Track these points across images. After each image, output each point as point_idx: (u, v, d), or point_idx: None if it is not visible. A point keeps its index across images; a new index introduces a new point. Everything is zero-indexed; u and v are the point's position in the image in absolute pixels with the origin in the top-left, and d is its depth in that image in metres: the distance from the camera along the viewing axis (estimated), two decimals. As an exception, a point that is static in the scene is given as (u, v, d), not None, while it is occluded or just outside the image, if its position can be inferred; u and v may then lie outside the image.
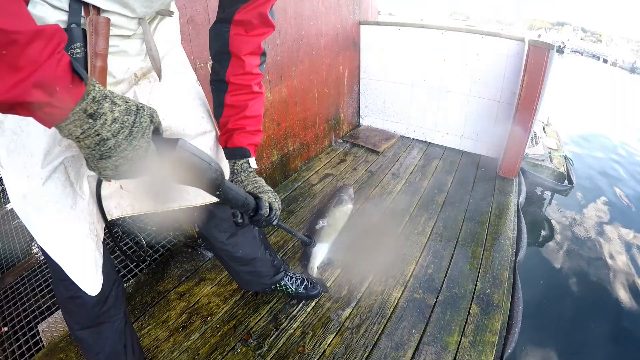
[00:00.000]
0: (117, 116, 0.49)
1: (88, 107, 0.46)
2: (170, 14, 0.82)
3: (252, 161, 1.03)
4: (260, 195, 0.95)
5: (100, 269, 0.89)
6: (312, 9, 2.47)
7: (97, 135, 0.48)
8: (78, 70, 0.45)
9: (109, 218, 0.97)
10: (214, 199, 1.06)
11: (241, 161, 1.01)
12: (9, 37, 0.38)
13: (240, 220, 0.92)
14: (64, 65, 0.43)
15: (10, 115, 0.66)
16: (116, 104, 0.50)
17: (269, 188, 1.00)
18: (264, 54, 0.97)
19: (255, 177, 1.02)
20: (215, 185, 0.69)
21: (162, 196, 1.01)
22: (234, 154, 1.00)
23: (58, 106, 0.44)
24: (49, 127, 0.47)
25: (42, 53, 0.41)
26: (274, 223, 0.98)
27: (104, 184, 0.90)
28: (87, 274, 0.86)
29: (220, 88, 0.96)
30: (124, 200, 0.99)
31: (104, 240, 0.94)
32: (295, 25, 2.35)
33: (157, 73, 0.82)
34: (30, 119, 0.66)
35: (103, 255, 0.91)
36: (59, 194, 0.76)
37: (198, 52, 1.66)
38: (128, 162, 0.52)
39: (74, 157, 0.77)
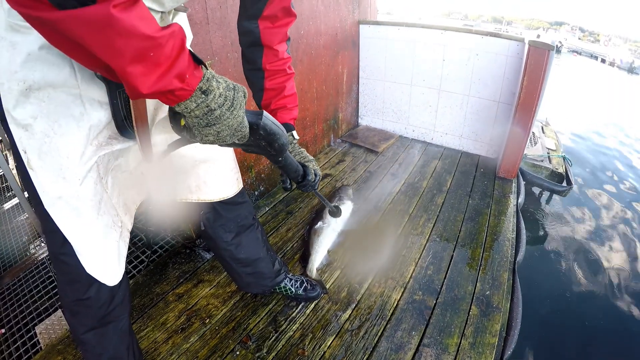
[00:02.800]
0: (222, 92, 0.59)
1: (204, 85, 0.56)
2: (185, 9, 0.83)
3: (295, 133, 1.15)
4: (307, 163, 1.10)
5: (124, 259, 0.93)
6: (311, 8, 2.46)
7: (207, 107, 0.58)
8: (197, 56, 0.55)
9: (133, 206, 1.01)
10: (230, 194, 1.17)
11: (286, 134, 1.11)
12: (156, 42, 0.47)
13: (288, 186, 1.09)
14: (188, 56, 0.53)
15: (40, 118, 0.67)
16: (219, 82, 0.59)
17: (312, 157, 1.14)
18: (289, 39, 1.08)
19: (300, 148, 1.16)
20: (283, 151, 0.78)
21: (182, 186, 1.09)
22: None
23: (187, 89, 0.54)
24: (172, 105, 0.57)
25: (173, 49, 0.50)
26: (317, 188, 1.14)
27: (125, 174, 0.92)
28: (108, 265, 0.88)
29: (258, 75, 1.07)
30: (144, 187, 1.02)
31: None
32: (294, 25, 2.31)
33: None
34: (62, 122, 0.69)
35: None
36: (92, 192, 0.78)
37: (196, 52, 1.64)
38: (228, 129, 0.62)
39: (104, 154, 0.79)
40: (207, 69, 0.58)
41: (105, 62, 0.46)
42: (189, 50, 0.54)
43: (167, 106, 0.86)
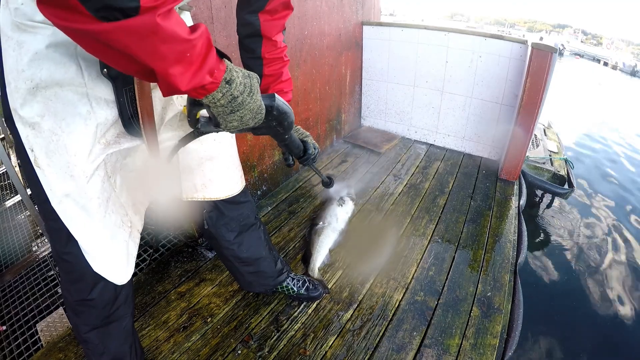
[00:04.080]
0: (242, 80, 0.62)
1: (227, 76, 0.59)
2: (190, 8, 0.83)
3: None
4: (305, 139, 1.15)
5: (134, 260, 0.94)
6: (315, 8, 2.46)
7: (231, 95, 0.61)
8: (220, 51, 0.59)
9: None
10: (235, 192, 1.19)
11: None
12: (191, 43, 0.50)
13: (292, 162, 1.17)
14: (215, 53, 0.57)
15: (47, 116, 0.68)
16: (237, 71, 0.62)
17: (308, 133, 1.19)
18: (284, 29, 1.11)
19: (296, 125, 1.17)
20: (291, 128, 0.82)
21: (188, 184, 1.10)
22: None
23: (215, 82, 0.57)
24: (200, 98, 0.59)
25: (203, 48, 0.53)
26: (315, 161, 1.19)
27: (133, 174, 0.93)
28: (116, 264, 0.89)
29: (257, 63, 1.10)
30: (152, 187, 1.02)
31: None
32: (298, 25, 2.34)
33: None
34: (70, 120, 0.69)
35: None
36: (99, 190, 0.79)
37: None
38: (250, 113, 0.65)
39: (112, 152, 0.80)
40: (229, 61, 0.61)
41: (148, 67, 0.49)
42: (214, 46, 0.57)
43: (175, 105, 0.87)
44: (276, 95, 0.73)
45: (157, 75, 0.51)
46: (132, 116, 0.75)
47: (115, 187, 0.85)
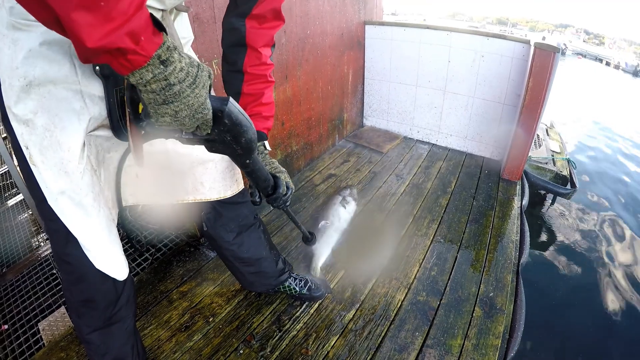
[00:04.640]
0: (184, 66, 0.54)
1: (162, 54, 0.50)
2: (187, 9, 0.83)
3: (267, 144, 1.10)
4: (278, 174, 1.05)
5: (123, 252, 0.92)
6: (317, 8, 2.46)
7: (165, 80, 0.52)
8: (157, 21, 0.50)
9: (124, 204, 0.99)
10: (228, 194, 1.12)
11: (258, 144, 1.07)
12: None
13: (258, 200, 1.02)
14: (147, 17, 0.48)
15: (41, 113, 0.67)
16: (182, 56, 0.54)
17: (284, 169, 1.09)
18: (274, 45, 1.04)
19: (271, 159, 1.11)
20: (251, 149, 0.70)
21: (178, 188, 1.05)
22: None
23: (141, 53, 0.48)
24: (125, 74, 0.50)
25: (130, 6, 0.44)
26: (288, 203, 1.04)
27: (116, 170, 0.91)
28: (116, 259, 0.88)
29: (237, 77, 1.02)
30: (140, 189, 1.00)
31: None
32: (300, 24, 2.33)
33: None
34: (63, 115, 0.68)
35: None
36: (91, 185, 0.78)
37: (203, 50, 1.65)
38: (188, 109, 0.56)
39: (92, 145, 0.79)
40: (168, 38, 0.52)
41: (52, 8, 0.41)
42: (150, 13, 0.49)
43: None
44: (231, 99, 0.63)
45: (61, 21, 0.41)
46: (121, 118, 0.73)
47: (100, 180, 0.84)
